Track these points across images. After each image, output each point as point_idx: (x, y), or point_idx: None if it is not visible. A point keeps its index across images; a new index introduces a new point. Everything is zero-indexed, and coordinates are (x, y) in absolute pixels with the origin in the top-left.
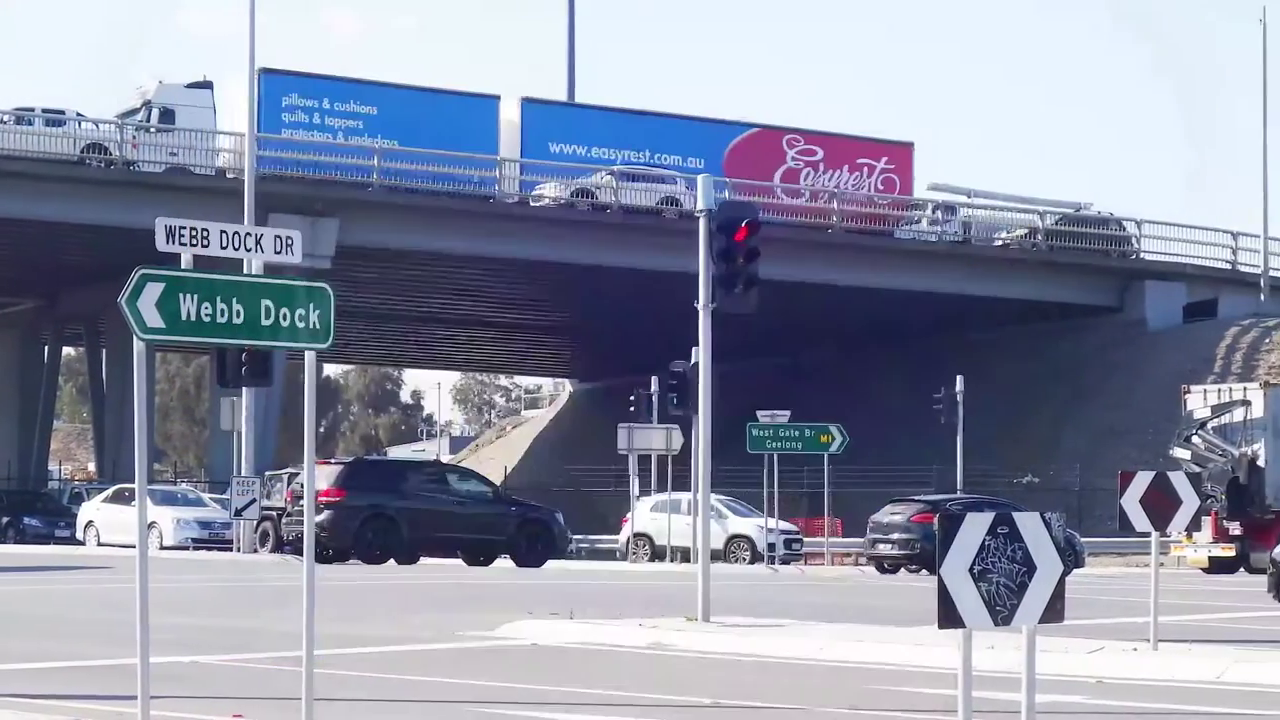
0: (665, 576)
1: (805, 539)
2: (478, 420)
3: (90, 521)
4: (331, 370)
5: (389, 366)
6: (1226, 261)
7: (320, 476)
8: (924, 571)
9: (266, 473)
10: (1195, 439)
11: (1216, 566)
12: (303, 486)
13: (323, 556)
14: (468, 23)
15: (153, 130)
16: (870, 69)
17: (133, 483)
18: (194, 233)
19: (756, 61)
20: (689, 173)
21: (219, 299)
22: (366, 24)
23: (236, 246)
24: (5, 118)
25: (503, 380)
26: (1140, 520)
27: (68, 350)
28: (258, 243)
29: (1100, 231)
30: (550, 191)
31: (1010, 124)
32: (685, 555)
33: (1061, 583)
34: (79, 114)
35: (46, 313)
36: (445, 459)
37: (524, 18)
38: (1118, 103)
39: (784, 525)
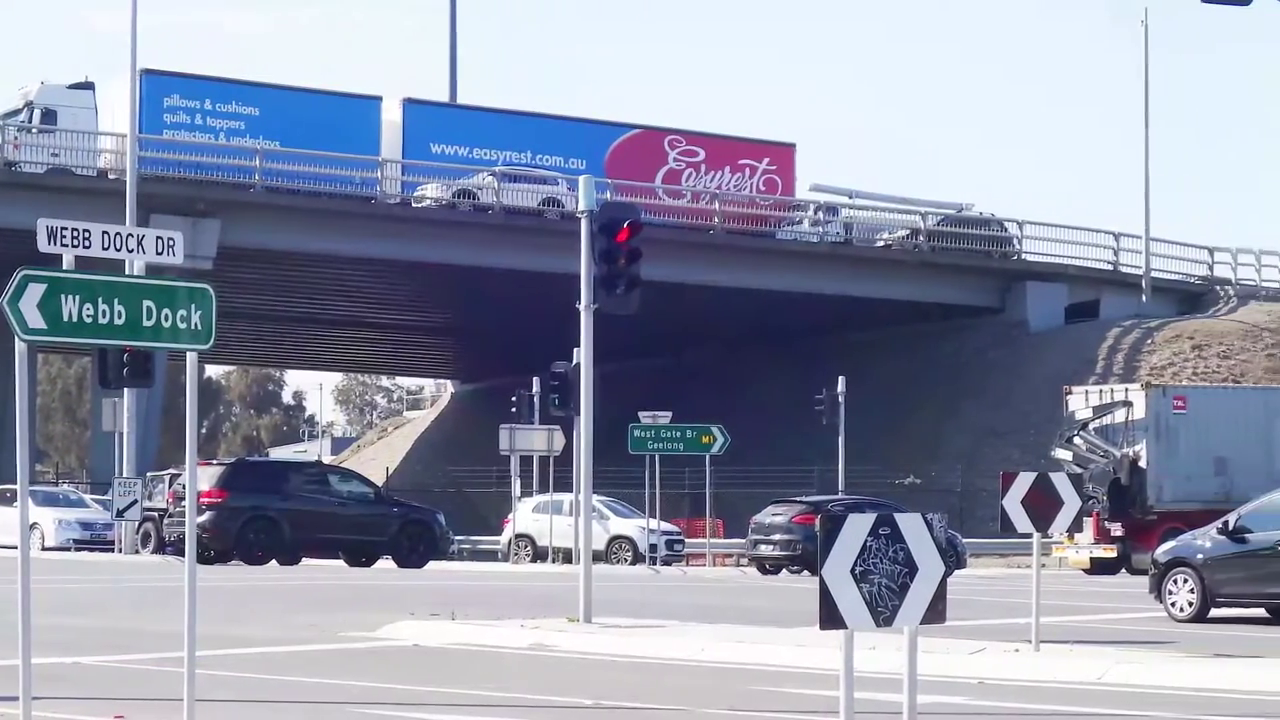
0: (547, 577)
1: (687, 540)
2: (359, 421)
3: None
4: (213, 371)
5: (271, 367)
6: (1108, 263)
7: (202, 477)
8: (806, 572)
9: (148, 474)
10: (1077, 440)
11: (1098, 567)
12: (184, 487)
13: (204, 557)
14: (355, 23)
15: (34, 131)
16: (752, 70)
17: (14, 484)
18: (75, 234)
19: (638, 62)
20: (571, 173)
21: (100, 300)
22: (264, 26)
23: (118, 247)
24: None
25: (384, 381)
26: (1022, 521)
27: None
28: (139, 244)
29: (982, 232)
30: (432, 192)
31: (892, 125)
32: (567, 556)
33: (943, 584)
34: None
35: None
36: (327, 460)
37: (407, 18)
38: (1000, 103)
39: (665, 526)
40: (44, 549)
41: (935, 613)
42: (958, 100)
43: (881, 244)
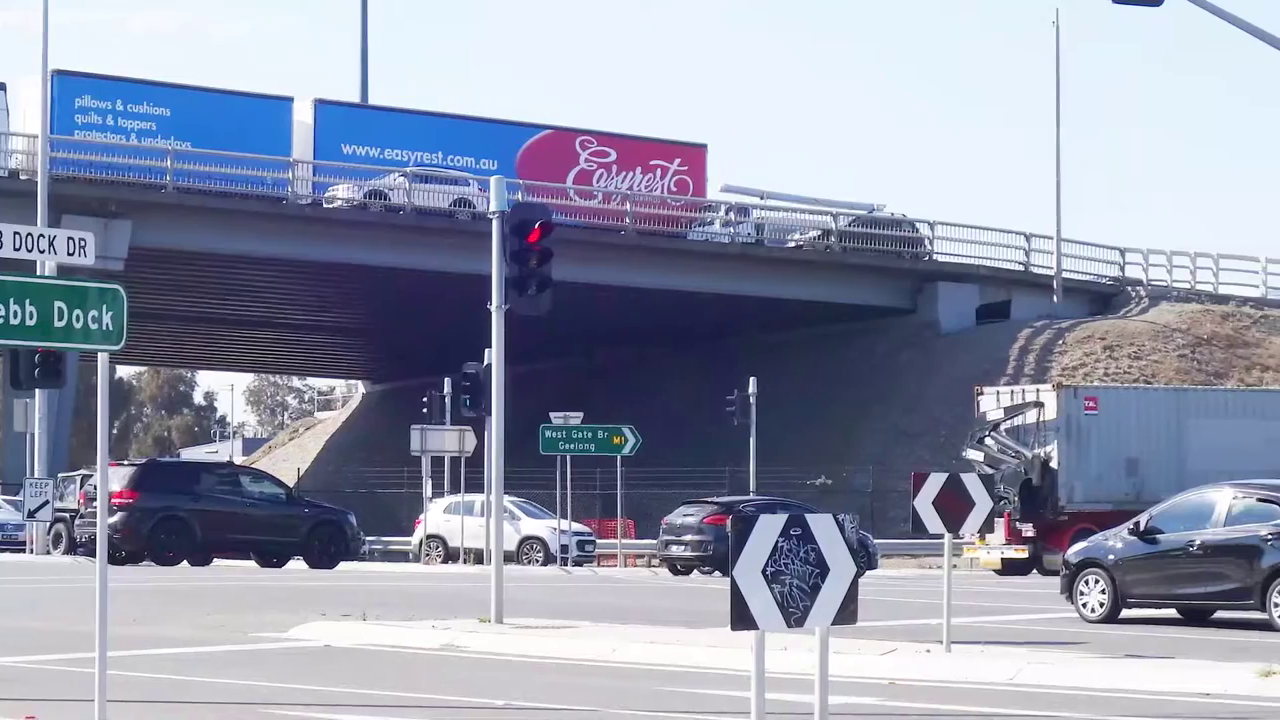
0: (458, 578)
1: (598, 540)
2: (271, 422)
3: None
4: (124, 372)
5: (182, 368)
6: (1019, 263)
7: (113, 478)
8: (717, 573)
9: (60, 474)
10: (988, 440)
11: (1009, 568)
12: (96, 488)
13: (116, 558)
14: (265, 24)
15: None
16: (664, 70)
17: None
18: None
19: (550, 63)
20: (482, 174)
21: (11, 300)
22: (176, 26)
23: (29, 248)
24: None
25: (296, 382)
26: (933, 522)
27: None
28: (50, 244)
29: (893, 233)
30: (343, 193)
31: (804, 126)
32: (478, 557)
33: (855, 584)
34: None
35: None
36: (238, 461)
37: (318, 19)
38: (912, 104)
39: (577, 527)
40: None
41: (847, 613)
42: (869, 101)
43: (793, 245)
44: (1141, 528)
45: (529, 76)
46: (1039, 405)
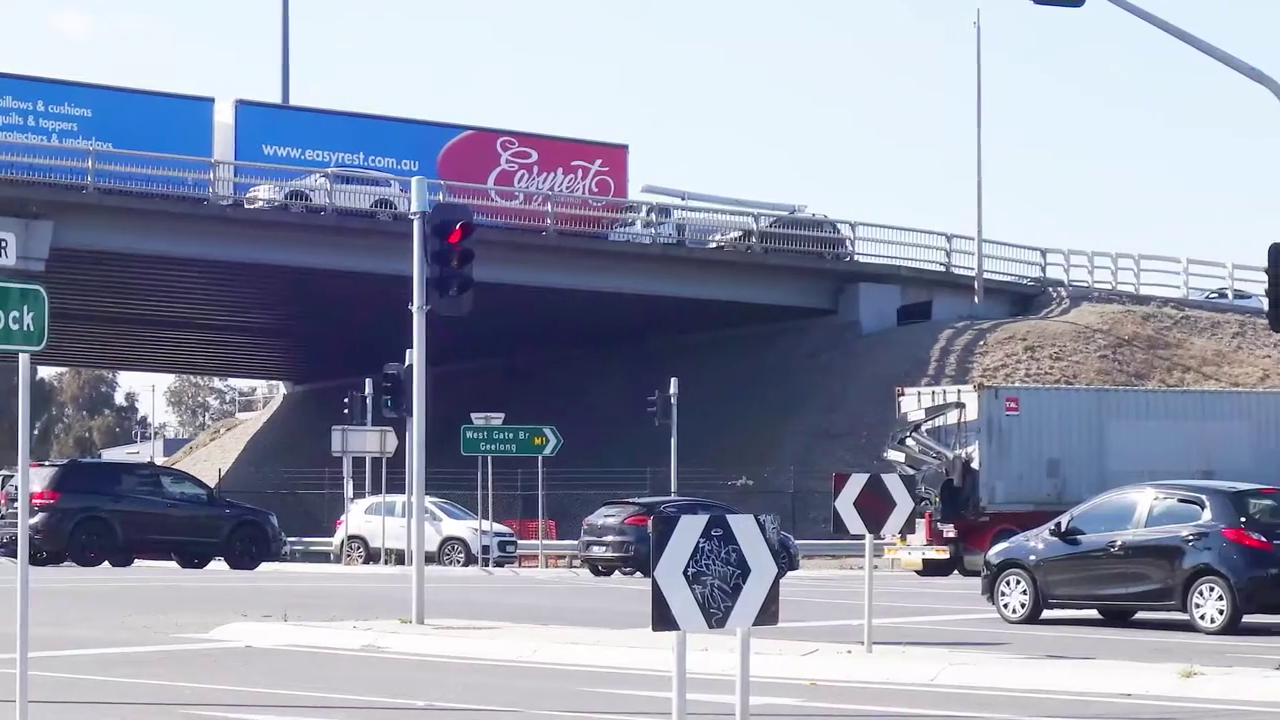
0: (379, 579)
1: (519, 541)
2: (192, 423)
3: None
4: (45, 373)
5: (103, 369)
6: (941, 264)
7: (34, 479)
8: (638, 574)
9: None
10: (909, 441)
11: (931, 569)
12: (17, 489)
13: (37, 558)
14: (186, 25)
15: None
16: (585, 71)
17: None
18: None
19: (471, 64)
20: (403, 175)
21: None
22: (96, 27)
23: None
24: None
25: (217, 383)
26: (854, 523)
27: None
28: None
29: (814, 234)
30: (264, 194)
31: (725, 126)
32: (399, 558)
33: (776, 585)
34: None
35: None
36: (160, 461)
37: (239, 19)
38: (834, 105)
39: (498, 528)
40: None
41: (768, 614)
42: (791, 102)
43: (714, 245)
44: (1063, 528)
45: (450, 77)
46: (960, 406)
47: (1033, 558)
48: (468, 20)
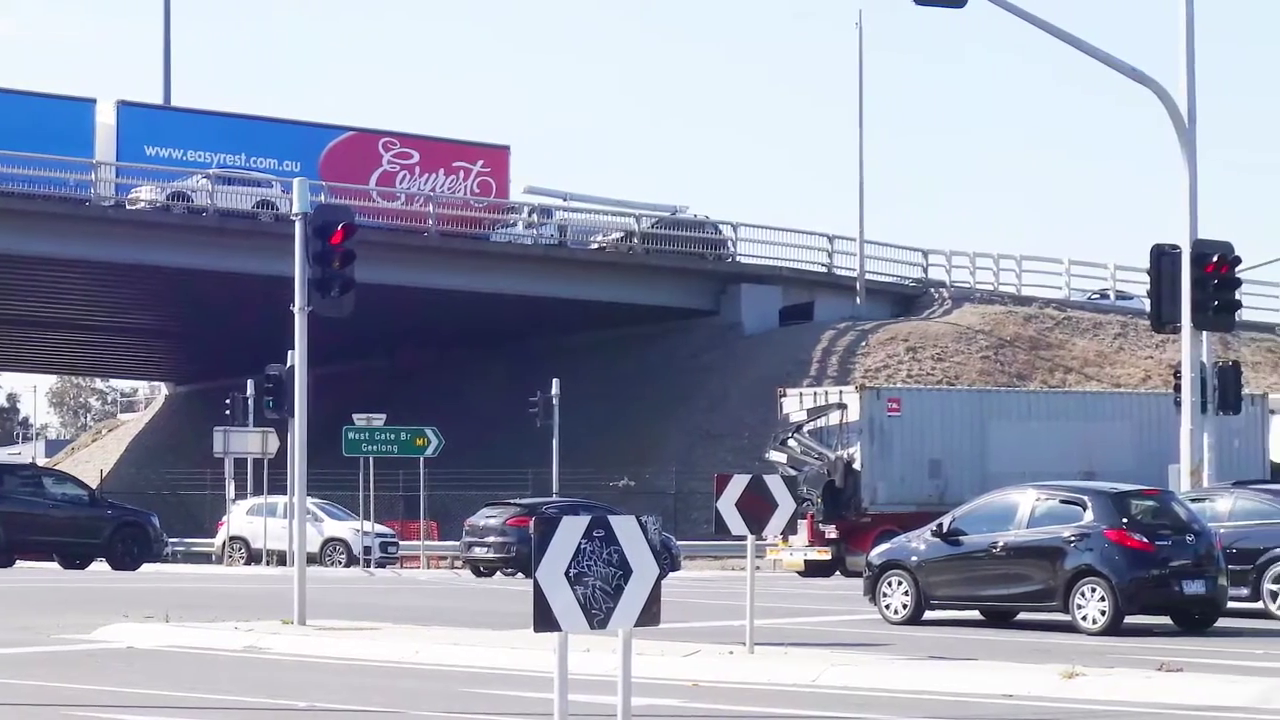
0: (261, 580)
1: (401, 542)
2: (74, 424)
3: None
4: None
5: None
6: (823, 265)
7: None
8: (520, 575)
9: None
10: (791, 442)
11: (813, 570)
12: None
13: None
14: (67, 26)
15: None
16: (466, 72)
17: None
18: None
19: (353, 65)
20: (285, 176)
21: None
22: None
23: None
24: None
25: (99, 384)
26: (736, 523)
27: None
28: None
29: (696, 235)
30: (146, 195)
31: (607, 127)
32: (281, 558)
33: (658, 586)
34: None
35: None
36: (41, 462)
37: (120, 20)
38: (715, 106)
39: (380, 528)
40: None
41: (650, 615)
42: (673, 102)
43: (596, 246)
44: (944, 529)
45: (332, 78)
46: (842, 407)
47: (914, 559)
48: (349, 22)
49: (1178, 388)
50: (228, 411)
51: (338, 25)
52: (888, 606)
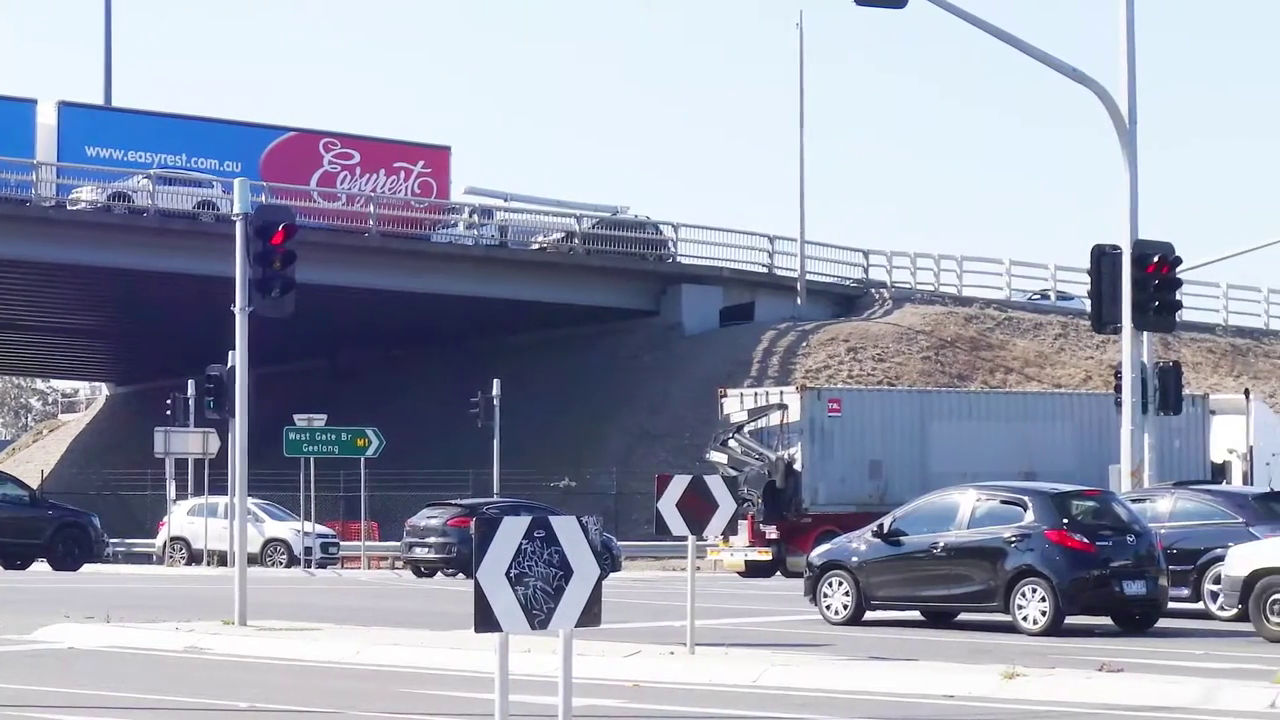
0: (202, 580)
1: (342, 542)
2: (14, 424)
3: None
4: None
5: None
6: (763, 265)
7: None
8: (461, 575)
9: None
10: (732, 442)
11: (753, 570)
12: None
13: None
14: (9, 25)
15: None
16: (408, 72)
17: None
18: None
19: (294, 65)
20: (226, 176)
21: None
22: None
23: None
24: None
25: (39, 384)
26: (677, 524)
27: None
28: None
29: (637, 235)
30: (87, 195)
31: (548, 128)
32: (222, 559)
33: (598, 586)
34: None
35: None
36: None
37: (61, 20)
38: (656, 106)
39: (321, 529)
40: None
41: (590, 615)
42: (614, 103)
43: (536, 247)
44: (885, 530)
45: (273, 79)
46: (783, 407)
47: (855, 559)
48: (290, 21)
49: (1118, 388)
50: (168, 412)
51: (279, 26)
52: (828, 607)
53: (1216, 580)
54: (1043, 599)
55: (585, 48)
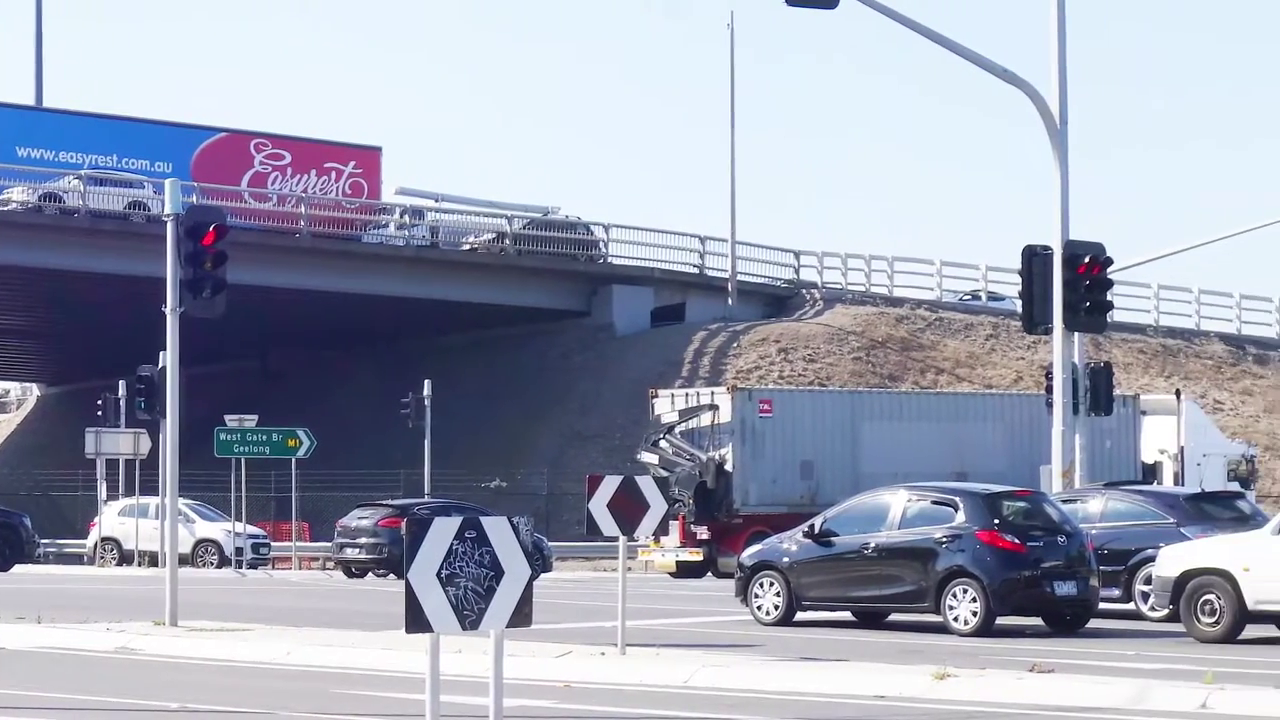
0: (133, 581)
1: (273, 543)
2: None
3: None
4: None
5: None
6: (694, 266)
7: None
8: (392, 576)
9: None
10: (663, 443)
11: (685, 571)
12: None
13: None
14: None
15: None
16: (338, 73)
17: None
18: None
19: (225, 66)
20: (157, 177)
21: None
22: None
23: None
24: None
25: None
26: (608, 524)
27: None
28: None
29: (568, 236)
30: (17, 196)
31: (479, 128)
32: (153, 559)
33: (529, 587)
34: None
35: None
36: None
37: None
38: (587, 106)
39: (252, 529)
40: None
41: (521, 616)
42: (544, 103)
43: (467, 247)
44: (816, 530)
45: (204, 80)
46: (714, 408)
47: (786, 560)
48: (220, 22)
49: (1049, 389)
50: (99, 412)
51: (210, 27)
52: (759, 608)
53: (1147, 581)
54: (974, 599)
55: (513, 46)
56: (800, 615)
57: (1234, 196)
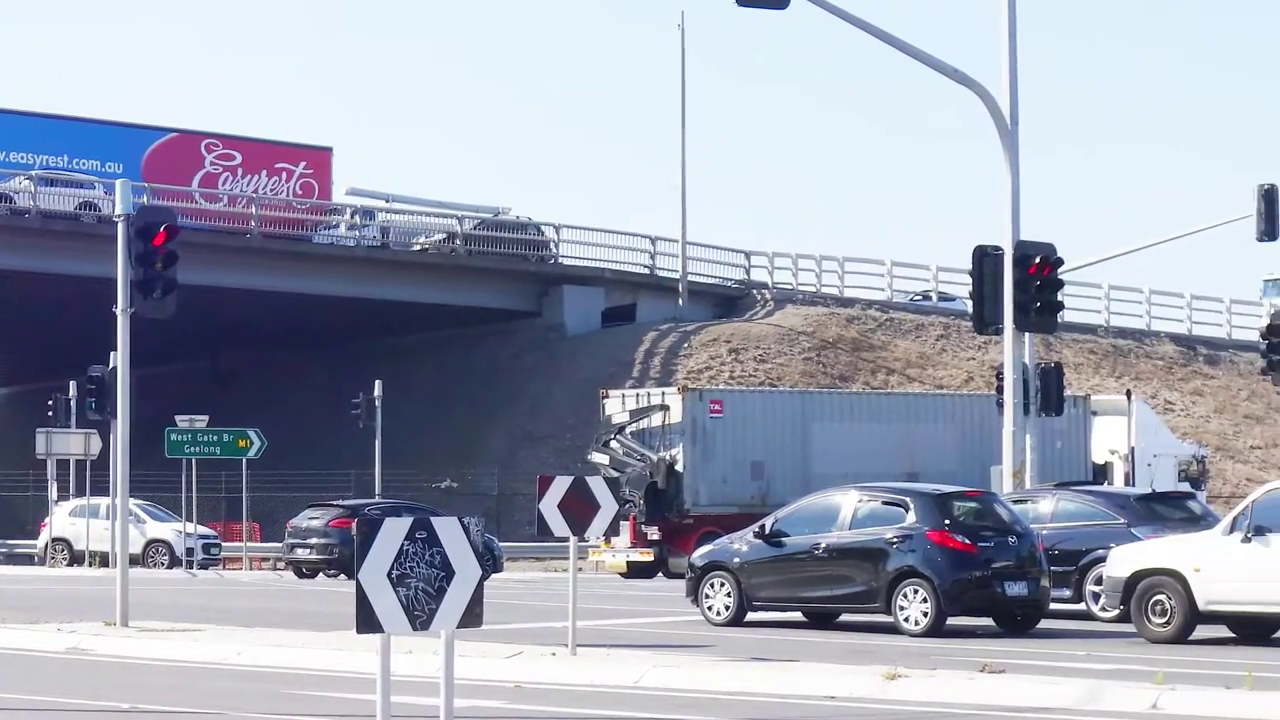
0: (84, 581)
1: (224, 543)
2: None
3: None
4: None
5: None
6: (645, 266)
7: None
8: (343, 576)
9: None
10: (614, 444)
11: (635, 571)
12: None
13: None
14: None
15: None
16: (288, 73)
17: None
18: None
19: (176, 66)
20: (108, 177)
21: None
22: None
23: None
24: None
25: None
26: (558, 525)
27: None
28: None
29: (519, 236)
30: None
31: (430, 129)
32: (104, 560)
33: (480, 587)
34: None
35: None
36: None
37: None
38: (536, 106)
39: (202, 530)
40: None
41: (472, 616)
42: (495, 103)
43: (418, 248)
44: (767, 531)
45: (155, 79)
46: (664, 408)
47: (737, 560)
48: (170, 21)
49: (1000, 389)
50: (50, 413)
51: (159, 26)
52: (710, 608)
53: (1098, 581)
54: (924, 600)
55: (463, 46)
56: (751, 616)
57: (1185, 197)
